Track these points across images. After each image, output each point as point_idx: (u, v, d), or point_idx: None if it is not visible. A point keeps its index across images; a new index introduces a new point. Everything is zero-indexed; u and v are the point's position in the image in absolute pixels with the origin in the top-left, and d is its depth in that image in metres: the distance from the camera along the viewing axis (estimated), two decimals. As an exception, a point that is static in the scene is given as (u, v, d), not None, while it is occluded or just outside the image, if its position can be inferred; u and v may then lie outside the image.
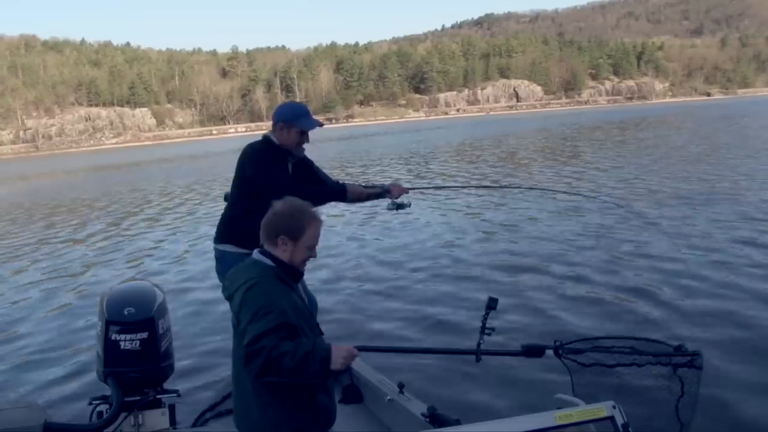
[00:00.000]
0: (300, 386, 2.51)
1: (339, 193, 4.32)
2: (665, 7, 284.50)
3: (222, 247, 4.11)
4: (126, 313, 3.45)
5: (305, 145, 4.14)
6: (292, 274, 2.67)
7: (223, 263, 4.07)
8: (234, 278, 2.63)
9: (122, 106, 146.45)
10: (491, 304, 2.95)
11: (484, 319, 2.94)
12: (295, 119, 4.03)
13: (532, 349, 2.95)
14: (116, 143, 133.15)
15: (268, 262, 2.63)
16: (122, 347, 3.42)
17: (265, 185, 3.84)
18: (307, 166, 4.26)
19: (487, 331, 2.93)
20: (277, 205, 2.69)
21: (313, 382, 2.51)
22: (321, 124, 4.21)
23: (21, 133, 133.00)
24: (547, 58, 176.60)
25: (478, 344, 2.93)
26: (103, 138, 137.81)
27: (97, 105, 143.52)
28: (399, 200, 4.38)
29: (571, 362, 2.83)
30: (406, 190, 4.46)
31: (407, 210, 4.44)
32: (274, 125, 4.07)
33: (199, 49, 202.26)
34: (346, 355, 2.43)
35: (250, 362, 2.36)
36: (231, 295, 2.60)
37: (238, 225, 4.02)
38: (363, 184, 4.52)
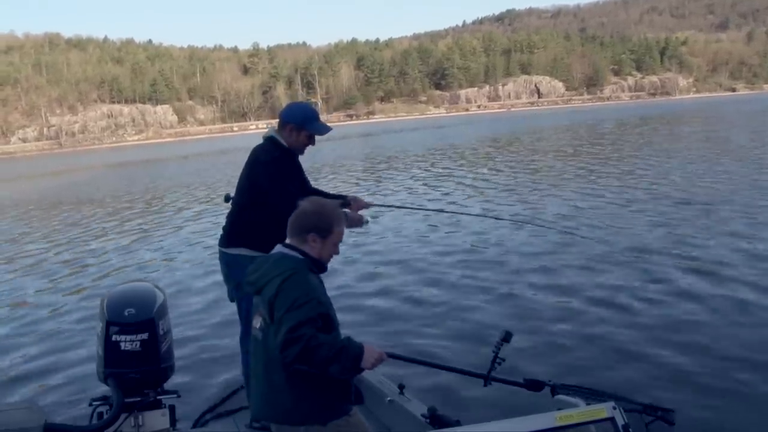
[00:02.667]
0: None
1: None
2: (689, 1, 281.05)
3: (234, 250, 4.03)
4: (126, 313, 3.43)
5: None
6: (319, 267, 2.77)
7: (234, 268, 3.97)
8: (264, 271, 2.67)
9: (144, 103, 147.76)
10: (506, 338, 3.11)
11: (497, 349, 3.10)
12: (306, 123, 3.95)
13: (533, 383, 3.14)
14: (138, 140, 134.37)
15: (298, 255, 2.70)
16: (122, 348, 3.40)
17: (277, 201, 3.77)
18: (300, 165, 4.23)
19: (498, 360, 3.10)
20: (307, 204, 2.79)
21: (340, 377, 2.59)
22: (330, 129, 4.11)
23: (45, 130, 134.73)
24: (568, 54, 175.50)
25: (489, 371, 3.10)
26: (125, 135, 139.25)
27: (119, 102, 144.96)
28: None
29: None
30: (367, 205, 4.30)
31: (365, 229, 4.20)
32: (283, 125, 3.98)
33: (221, 46, 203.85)
34: (377, 356, 2.54)
35: (287, 348, 2.41)
36: (261, 287, 2.64)
37: (251, 228, 3.96)
38: (324, 191, 4.34)
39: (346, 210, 4.16)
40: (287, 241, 2.79)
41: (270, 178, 3.89)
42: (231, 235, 4.10)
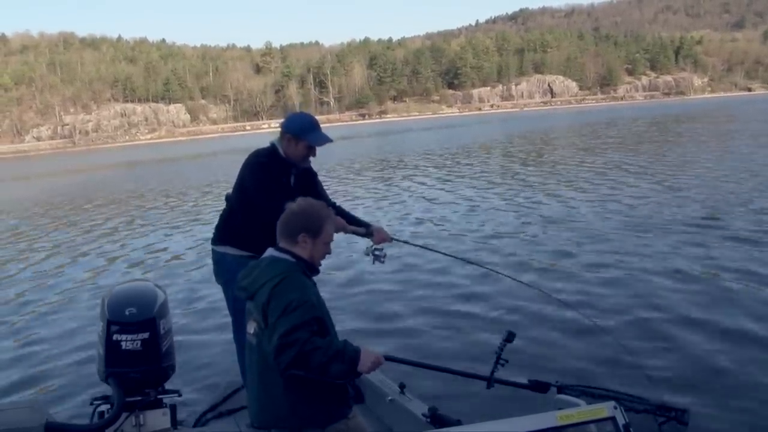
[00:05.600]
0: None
1: None
2: (704, 0, 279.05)
3: (222, 249, 4.08)
4: (127, 313, 3.44)
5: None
6: (311, 269, 2.74)
7: (222, 265, 4.06)
8: (256, 277, 2.65)
9: (157, 101, 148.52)
10: (509, 338, 3.12)
11: (500, 350, 3.09)
12: (303, 133, 3.90)
13: (538, 384, 3.10)
14: (151, 138, 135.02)
15: (290, 258, 2.68)
16: (123, 347, 3.41)
17: (260, 203, 3.80)
18: (311, 176, 4.17)
19: (501, 361, 3.09)
20: (295, 205, 2.77)
21: (337, 381, 2.55)
22: (330, 140, 4.01)
23: (59, 128, 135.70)
24: (582, 53, 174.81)
25: (492, 372, 3.08)
26: (138, 133, 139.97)
27: (132, 101, 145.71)
28: (379, 249, 4.09)
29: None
30: (389, 240, 4.23)
31: (380, 264, 4.12)
32: (282, 135, 3.94)
33: (233, 45, 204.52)
34: (374, 360, 2.51)
35: (281, 354, 2.38)
36: (253, 293, 2.61)
37: (239, 228, 4.00)
38: (349, 213, 4.28)
39: (374, 231, 4.19)
40: (278, 243, 2.76)
41: (255, 182, 3.89)
42: (220, 234, 4.16)
